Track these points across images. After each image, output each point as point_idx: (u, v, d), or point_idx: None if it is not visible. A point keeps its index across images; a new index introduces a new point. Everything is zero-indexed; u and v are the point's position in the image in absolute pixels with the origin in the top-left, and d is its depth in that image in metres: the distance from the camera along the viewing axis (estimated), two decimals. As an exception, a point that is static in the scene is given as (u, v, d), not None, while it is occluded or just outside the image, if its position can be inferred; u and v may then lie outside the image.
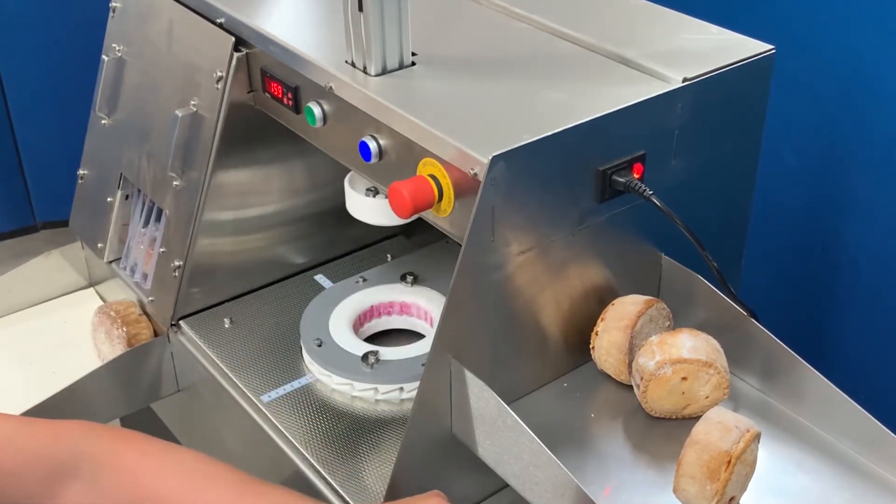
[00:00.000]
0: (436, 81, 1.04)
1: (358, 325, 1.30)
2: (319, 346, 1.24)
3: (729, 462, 0.86)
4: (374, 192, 1.20)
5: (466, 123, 0.95)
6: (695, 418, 0.94)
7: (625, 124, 0.96)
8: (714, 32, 1.11)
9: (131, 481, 0.91)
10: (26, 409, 1.25)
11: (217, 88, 1.21)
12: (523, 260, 0.95)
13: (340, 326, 1.27)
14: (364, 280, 1.36)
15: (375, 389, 1.18)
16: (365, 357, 1.20)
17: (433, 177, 0.94)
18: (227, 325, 1.34)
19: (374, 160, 1.02)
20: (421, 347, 1.23)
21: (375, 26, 1.01)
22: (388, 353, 1.22)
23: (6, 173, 2.89)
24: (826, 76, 1.54)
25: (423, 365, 0.94)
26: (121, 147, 1.42)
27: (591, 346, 1.05)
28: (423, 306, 1.32)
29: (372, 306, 1.32)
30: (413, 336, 1.31)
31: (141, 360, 1.35)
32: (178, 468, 0.93)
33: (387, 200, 0.97)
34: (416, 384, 1.15)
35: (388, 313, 1.33)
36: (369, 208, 1.20)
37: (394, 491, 1.00)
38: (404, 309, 1.33)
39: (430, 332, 1.30)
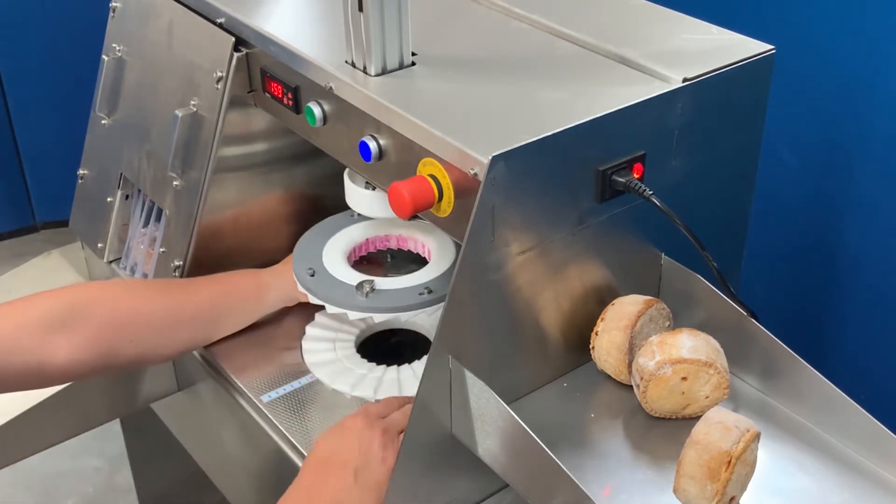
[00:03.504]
0: (436, 81, 1.04)
1: (352, 257, 1.28)
2: (312, 275, 1.20)
3: (729, 462, 0.86)
4: (373, 184, 1.20)
5: (466, 123, 0.95)
6: (695, 418, 0.94)
7: (625, 124, 0.96)
8: (714, 32, 1.11)
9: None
10: (25, 409, 1.25)
11: (217, 88, 1.21)
12: (523, 260, 0.95)
13: (334, 257, 1.24)
14: (359, 214, 1.31)
15: (370, 317, 1.12)
16: (360, 286, 1.18)
17: (433, 177, 0.94)
18: (227, 325, 1.33)
19: (374, 160, 1.02)
20: (417, 277, 1.20)
21: (375, 26, 1.01)
22: (383, 282, 1.19)
23: (6, 173, 2.89)
24: (826, 76, 1.54)
25: (420, 294, 0.90)
26: (121, 147, 1.42)
27: (591, 346, 1.05)
28: (419, 239, 1.29)
29: (367, 239, 1.29)
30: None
31: (141, 360, 1.35)
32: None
33: (386, 193, 0.96)
34: (412, 314, 1.14)
35: (385, 247, 1.30)
36: (369, 201, 1.20)
37: (394, 490, 1.00)
38: (401, 242, 1.30)
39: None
